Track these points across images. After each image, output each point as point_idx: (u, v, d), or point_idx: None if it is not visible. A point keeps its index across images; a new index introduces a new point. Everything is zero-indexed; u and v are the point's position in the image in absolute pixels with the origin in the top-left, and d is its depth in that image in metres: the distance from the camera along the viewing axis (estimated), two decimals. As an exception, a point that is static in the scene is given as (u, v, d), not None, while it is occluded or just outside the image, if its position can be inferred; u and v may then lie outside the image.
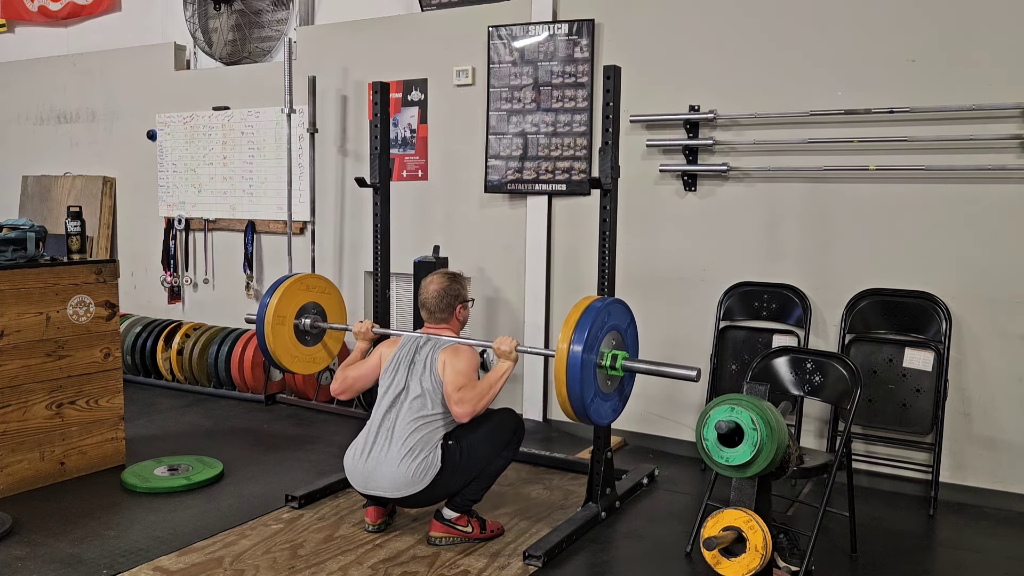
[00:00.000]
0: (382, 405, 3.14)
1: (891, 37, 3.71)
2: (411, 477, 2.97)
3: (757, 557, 2.14)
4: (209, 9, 5.79)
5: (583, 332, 2.72)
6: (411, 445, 2.99)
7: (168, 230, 6.00)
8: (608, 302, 2.89)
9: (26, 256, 3.66)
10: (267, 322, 3.57)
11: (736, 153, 4.08)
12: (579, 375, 2.70)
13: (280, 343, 3.62)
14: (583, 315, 2.77)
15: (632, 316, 3.03)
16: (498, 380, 3.06)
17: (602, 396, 2.85)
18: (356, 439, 3.16)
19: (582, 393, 2.72)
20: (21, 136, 6.80)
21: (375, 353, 3.36)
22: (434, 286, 3.28)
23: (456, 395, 3.01)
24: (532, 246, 4.61)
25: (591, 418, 2.83)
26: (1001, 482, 3.62)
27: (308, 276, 3.84)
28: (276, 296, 3.61)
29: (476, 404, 3.00)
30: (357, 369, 3.36)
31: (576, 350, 2.71)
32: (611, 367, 2.83)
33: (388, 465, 3.00)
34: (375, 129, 4.04)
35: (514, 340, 3.12)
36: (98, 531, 3.22)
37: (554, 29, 4.44)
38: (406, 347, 3.23)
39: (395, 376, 3.17)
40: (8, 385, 3.54)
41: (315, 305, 3.76)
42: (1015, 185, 3.53)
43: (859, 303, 3.82)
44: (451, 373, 3.06)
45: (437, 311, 3.27)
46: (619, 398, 2.99)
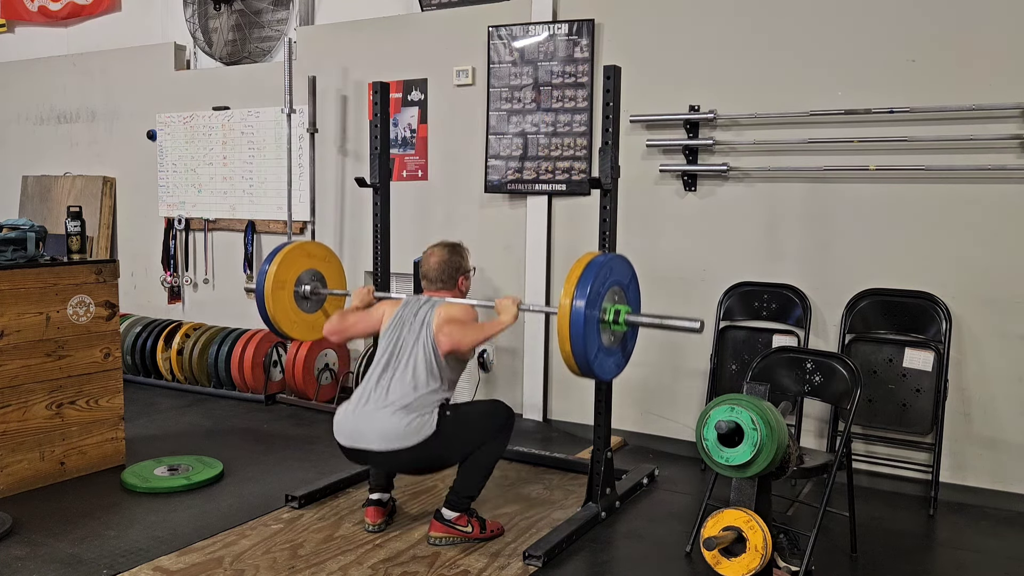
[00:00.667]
0: (380, 363, 3.11)
1: (891, 37, 3.71)
2: (402, 431, 2.92)
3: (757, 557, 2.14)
4: (209, 9, 5.79)
5: (585, 287, 2.69)
6: (406, 403, 2.97)
7: (168, 230, 6.00)
8: (610, 257, 2.85)
9: (26, 256, 3.66)
10: (267, 287, 3.53)
11: (736, 153, 4.08)
12: (582, 330, 2.67)
13: (280, 308, 3.58)
14: (585, 271, 2.73)
15: (634, 272, 2.99)
16: (492, 328, 3.02)
17: (605, 351, 2.82)
18: (349, 399, 3.13)
19: (585, 348, 2.69)
20: (21, 136, 6.80)
21: (378, 307, 3.32)
22: (435, 258, 3.26)
23: (445, 327, 3.00)
24: (532, 246, 4.61)
25: (595, 372, 2.80)
26: (1001, 482, 3.62)
27: (309, 243, 3.82)
28: (276, 261, 3.57)
29: (463, 337, 2.97)
30: (355, 316, 3.33)
31: (579, 305, 2.67)
32: (614, 322, 2.80)
33: (379, 419, 2.95)
34: (375, 129, 4.05)
35: (518, 298, 3.09)
36: (98, 531, 3.22)
37: (554, 29, 4.44)
38: (408, 307, 3.20)
39: (395, 335, 3.14)
40: (8, 385, 3.54)
41: (315, 272, 3.73)
42: (1015, 185, 3.53)
43: (859, 303, 3.82)
44: (444, 315, 3.06)
45: (438, 281, 3.26)
46: (622, 353, 2.96)
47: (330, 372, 5.15)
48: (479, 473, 3.10)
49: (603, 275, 2.76)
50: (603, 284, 2.77)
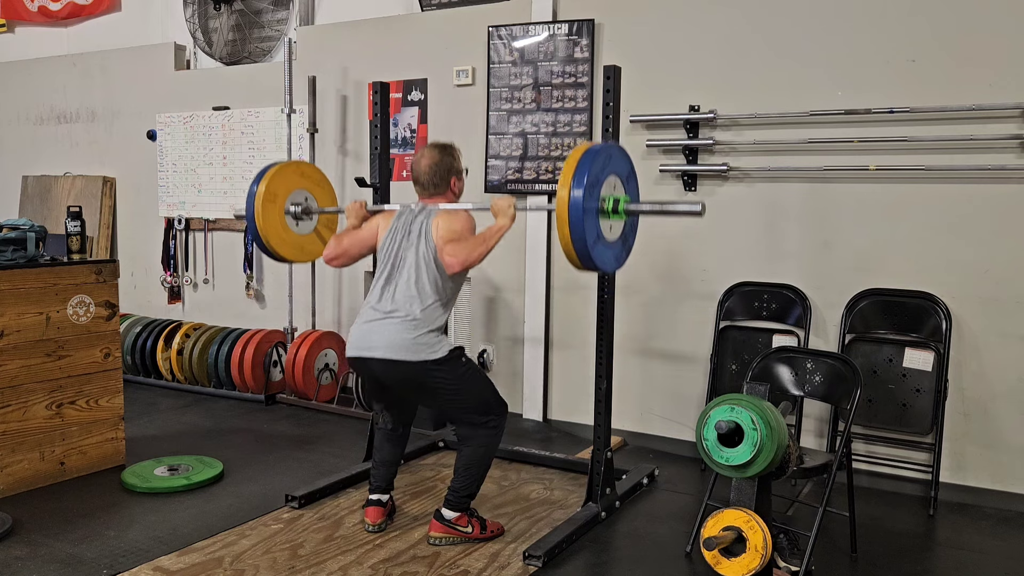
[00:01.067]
0: (381, 277, 3.10)
1: (891, 37, 3.71)
2: (410, 342, 2.93)
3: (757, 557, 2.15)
4: (209, 9, 5.79)
5: (583, 175, 2.65)
6: (413, 316, 2.97)
7: (168, 230, 6.00)
8: (606, 145, 2.81)
9: (26, 256, 3.66)
10: (258, 198, 3.41)
11: (736, 153, 4.08)
12: (581, 218, 2.63)
13: (270, 224, 3.46)
14: (582, 159, 2.69)
15: (632, 166, 2.96)
16: (493, 235, 2.97)
17: (605, 243, 2.80)
18: (362, 308, 3.13)
19: (584, 236, 2.65)
20: (21, 136, 6.80)
21: (372, 222, 3.29)
22: (426, 160, 3.20)
23: (448, 247, 2.96)
24: (532, 246, 4.61)
25: (594, 262, 2.76)
26: (1001, 482, 3.62)
27: (302, 163, 3.73)
28: (270, 174, 3.47)
29: (468, 254, 2.93)
30: (352, 236, 3.28)
31: (576, 194, 2.64)
32: (613, 211, 2.77)
33: (388, 329, 2.96)
34: (375, 129, 4.04)
35: (513, 198, 3.04)
36: (98, 531, 3.22)
37: (554, 29, 4.44)
38: (402, 218, 3.16)
39: (393, 248, 3.12)
40: (8, 385, 3.54)
41: (308, 194, 3.63)
42: (1015, 185, 3.53)
43: (859, 303, 3.82)
44: (444, 231, 3.01)
45: (431, 185, 3.20)
46: (623, 247, 2.94)
47: (330, 372, 5.15)
48: (476, 471, 3.10)
49: (600, 163, 2.71)
50: (601, 172, 2.72)
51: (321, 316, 5.44)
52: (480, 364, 4.78)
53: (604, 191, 2.75)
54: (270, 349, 5.22)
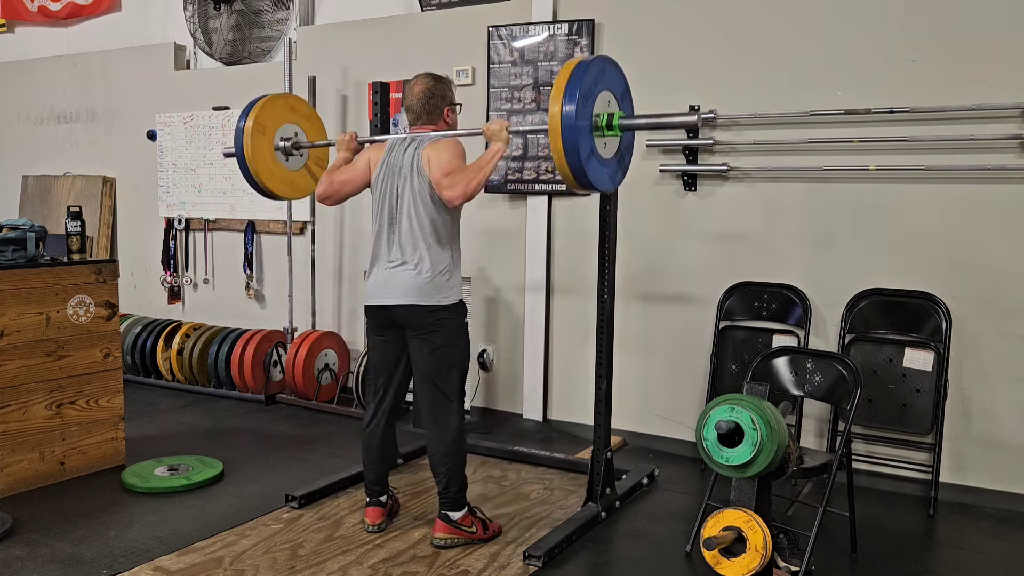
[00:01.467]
0: (384, 225, 3.10)
1: (891, 37, 3.71)
2: (422, 285, 3.00)
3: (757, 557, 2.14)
4: (209, 9, 5.79)
5: (575, 89, 2.61)
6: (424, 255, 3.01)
7: (168, 230, 6.00)
8: (600, 58, 2.78)
9: (26, 256, 3.66)
10: (247, 132, 3.33)
11: (736, 153, 4.08)
12: (574, 131, 2.60)
13: (260, 157, 3.39)
14: (573, 73, 2.66)
15: (626, 84, 2.92)
16: (489, 160, 2.95)
17: (600, 160, 2.77)
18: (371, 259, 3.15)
19: (578, 149, 2.62)
20: (21, 136, 6.80)
21: (362, 156, 3.25)
22: (419, 87, 3.17)
23: (446, 180, 2.92)
24: (532, 246, 4.60)
25: (589, 179, 2.73)
26: (1001, 482, 3.62)
27: (291, 96, 3.65)
28: (258, 107, 3.39)
29: (467, 184, 2.90)
30: (344, 172, 3.23)
31: (569, 109, 2.60)
32: (607, 126, 2.75)
33: (401, 277, 3.02)
34: (375, 129, 4.05)
35: (505, 121, 3.02)
36: (98, 531, 3.22)
37: (554, 29, 4.44)
38: (393, 151, 3.13)
39: (387, 186, 3.10)
40: (8, 385, 3.54)
41: (298, 129, 3.57)
42: (1015, 185, 3.53)
43: (859, 303, 3.82)
44: (436, 165, 2.97)
45: (423, 114, 3.16)
46: (618, 166, 2.92)
47: (330, 372, 5.15)
48: (453, 463, 3.07)
49: (593, 76, 2.68)
50: (594, 85, 2.69)
51: (321, 316, 5.44)
52: (480, 364, 4.78)
53: (598, 107, 2.71)
54: (270, 349, 5.22)
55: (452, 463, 3.07)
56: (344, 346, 5.30)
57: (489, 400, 4.86)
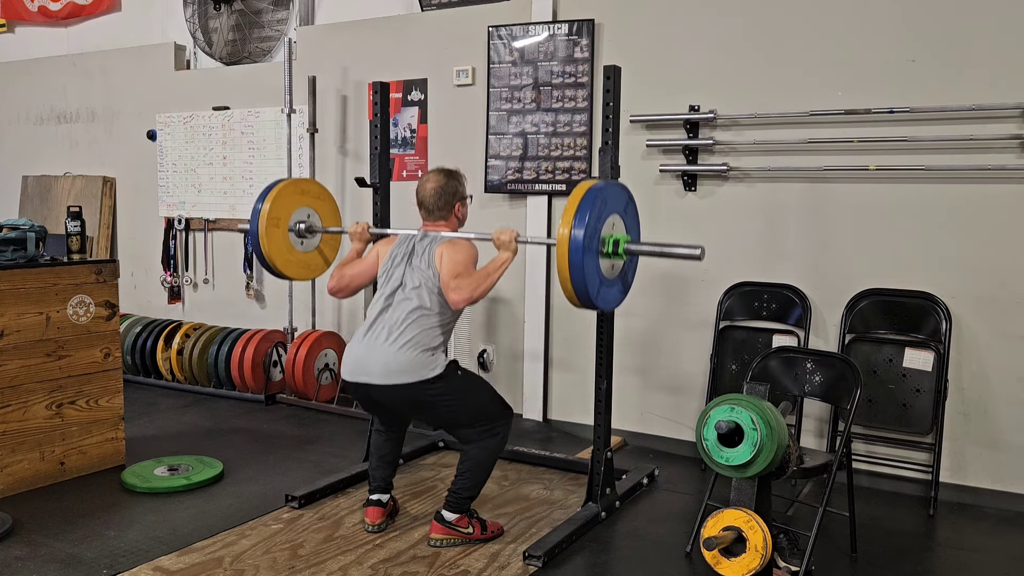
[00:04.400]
0: (380, 301, 3.10)
1: (891, 37, 3.71)
2: (405, 364, 2.93)
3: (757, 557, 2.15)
4: (209, 9, 5.79)
5: (583, 219, 2.66)
6: (410, 336, 2.97)
7: (168, 230, 6.00)
8: (605, 185, 2.82)
9: (26, 256, 3.66)
10: (261, 223, 3.45)
11: (736, 153, 4.08)
12: (581, 262, 2.65)
13: (275, 246, 3.50)
14: (582, 202, 2.70)
15: (630, 196, 2.97)
16: (496, 269, 3.00)
17: (606, 282, 2.81)
18: (355, 334, 3.13)
19: (586, 280, 2.67)
20: (21, 136, 6.80)
21: (372, 251, 3.31)
22: (431, 184, 3.22)
23: (453, 282, 2.96)
24: (532, 246, 4.60)
25: (597, 304, 2.79)
26: (1001, 482, 3.62)
27: (302, 180, 3.74)
28: (270, 198, 3.48)
29: (473, 290, 2.94)
30: (355, 267, 3.29)
31: (577, 237, 2.65)
32: (613, 252, 2.79)
33: (385, 351, 2.96)
34: (375, 129, 4.04)
35: (514, 231, 3.05)
36: (98, 531, 3.22)
37: (554, 29, 4.44)
38: (404, 244, 3.18)
39: (393, 272, 3.13)
40: (8, 385, 3.54)
41: (310, 211, 3.65)
42: (1015, 185, 3.53)
43: (859, 303, 3.82)
44: (448, 263, 3.01)
45: (436, 209, 3.21)
46: (622, 284, 2.95)
47: (330, 372, 5.15)
48: (478, 474, 3.10)
49: (599, 206, 2.73)
50: (600, 215, 2.73)
51: (321, 316, 5.44)
52: (480, 364, 4.78)
53: (604, 231, 2.77)
54: (270, 349, 5.22)
55: (478, 474, 3.09)
56: (344, 346, 5.29)
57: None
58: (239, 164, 5.64)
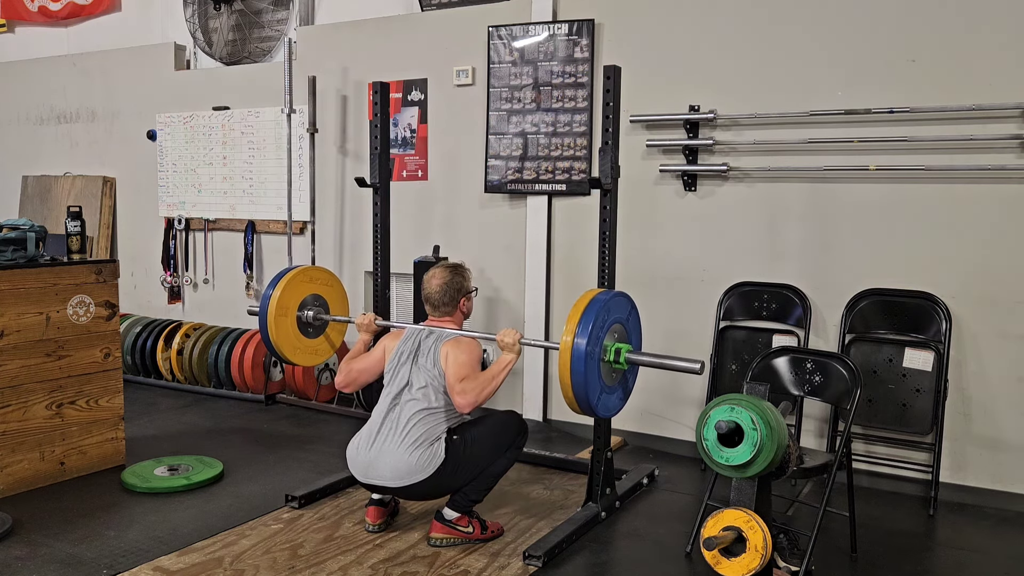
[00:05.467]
0: (386, 400, 3.15)
1: (891, 37, 3.71)
2: (414, 465, 2.99)
3: (757, 557, 2.14)
4: (209, 9, 5.79)
5: (586, 328, 2.71)
6: (416, 436, 3.02)
7: (168, 230, 6.00)
8: (611, 296, 2.87)
9: (26, 256, 3.66)
10: (270, 314, 3.52)
11: (736, 153, 4.08)
12: (583, 370, 2.70)
13: (283, 335, 3.58)
14: (586, 311, 2.76)
15: (633, 306, 3.01)
16: (501, 372, 3.05)
17: (607, 389, 2.85)
18: (360, 432, 3.18)
19: (587, 389, 2.71)
20: (21, 136, 6.80)
21: (379, 346, 3.37)
22: (437, 280, 3.29)
23: (459, 385, 3.02)
24: (532, 246, 4.60)
25: (597, 412, 2.83)
26: (1001, 482, 3.62)
27: (311, 268, 3.81)
28: (279, 288, 3.56)
29: (478, 394, 3.00)
30: (361, 362, 3.36)
31: (580, 345, 2.70)
32: (615, 361, 2.82)
33: (391, 454, 3.02)
34: (375, 129, 4.04)
35: (518, 333, 3.11)
36: (98, 531, 3.22)
37: (554, 29, 4.44)
38: (409, 341, 3.24)
39: (399, 370, 3.19)
40: (8, 385, 3.54)
41: (318, 297, 3.72)
42: (1015, 185, 3.53)
43: (859, 303, 3.82)
44: (453, 364, 3.07)
45: (441, 304, 3.28)
46: (623, 391, 2.98)
47: (330, 372, 5.15)
48: (487, 481, 3.12)
49: (603, 316, 2.78)
50: (603, 325, 2.79)
51: (321, 316, 5.44)
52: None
53: (606, 340, 2.80)
54: (270, 349, 5.22)
55: (488, 480, 3.12)
56: (344, 346, 5.29)
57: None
58: (239, 164, 5.64)
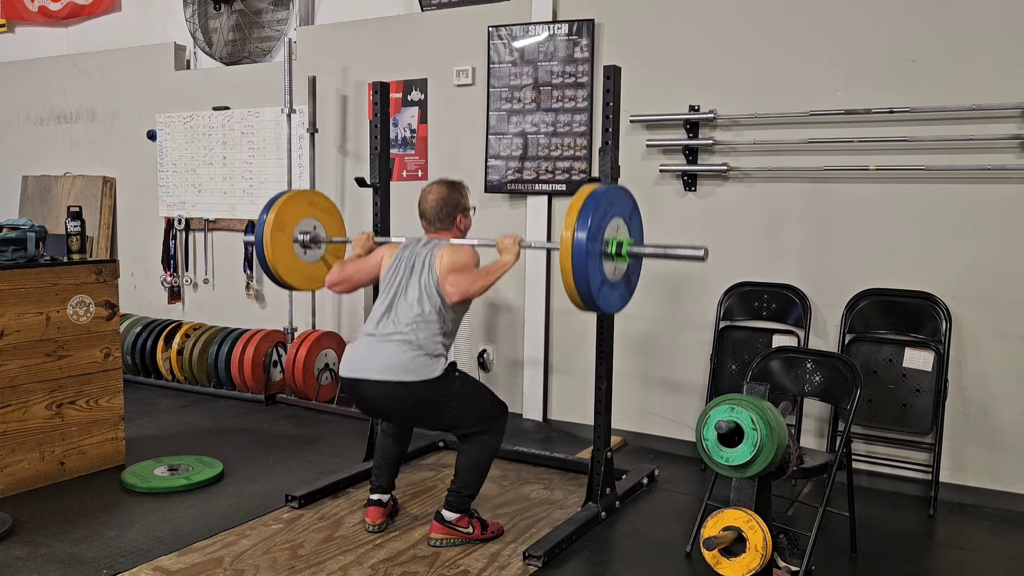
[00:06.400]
0: (382, 305, 3.11)
1: (891, 37, 3.71)
2: (407, 363, 2.92)
3: (757, 557, 2.14)
4: (209, 9, 5.79)
5: (586, 220, 2.67)
6: (411, 338, 2.97)
7: (168, 230, 6.00)
8: (609, 188, 2.82)
9: (26, 256, 3.66)
10: (267, 227, 3.43)
11: (736, 153, 4.08)
12: (585, 262, 2.66)
13: (279, 252, 3.49)
14: (585, 203, 2.71)
15: (635, 203, 2.98)
16: (496, 270, 2.99)
17: (609, 284, 2.81)
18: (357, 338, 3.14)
19: (588, 281, 2.67)
20: (21, 136, 6.80)
21: (377, 252, 3.32)
22: (433, 196, 3.22)
23: (450, 276, 2.96)
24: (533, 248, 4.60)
25: (599, 306, 2.79)
26: (1001, 482, 3.62)
27: (311, 192, 3.73)
28: (279, 203, 3.48)
29: (469, 286, 2.94)
30: (358, 264, 3.30)
31: (580, 238, 2.66)
32: (616, 254, 2.79)
33: (384, 349, 2.97)
34: (375, 129, 4.04)
35: (518, 236, 3.06)
36: (98, 531, 3.22)
37: (554, 29, 4.44)
38: (407, 249, 3.18)
39: (395, 277, 3.13)
40: (8, 385, 3.54)
41: (317, 222, 3.64)
42: (1015, 185, 3.53)
43: (859, 303, 3.82)
44: (447, 262, 3.02)
45: (437, 220, 3.21)
46: (626, 287, 2.95)
47: (330, 372, 5.15)
48: (476, 472, 3.10)
49: (603, 207, 2.73)
50: (604, 216, 2.74)
51: (321, 316, 5.44)
52: (480, 364, 4.78)
53: (607, 234, 2.78)
54: (270, 349, 5.22)
55: (476, 472, 3.10)
56: (344, 346, 5.30)
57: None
58: (239, 164, 5.64)
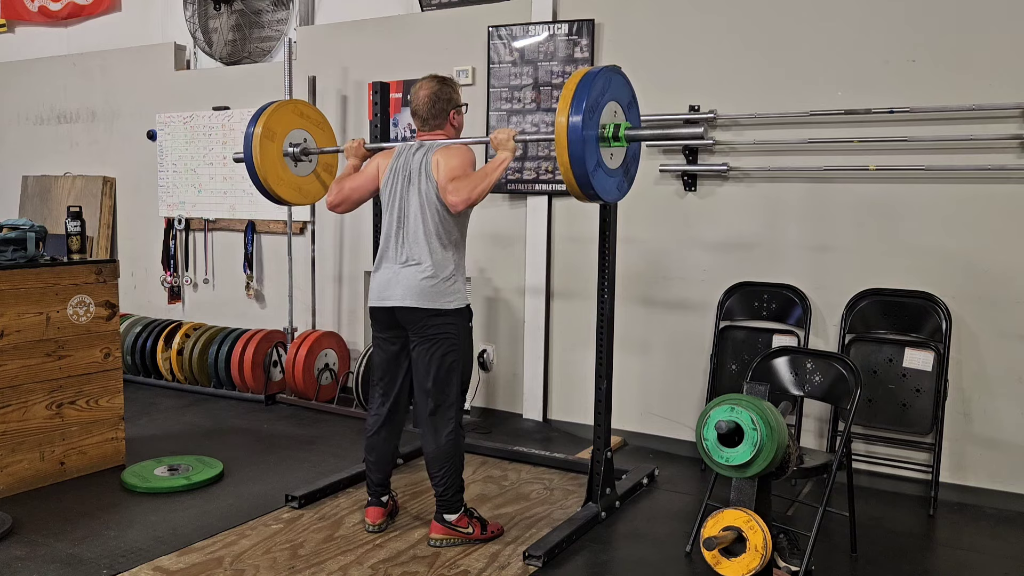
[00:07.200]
0: (391, 227, 3.09)
1: (891, 37, 3.71)
2: (428, 289, 2.99)
3: (757, 557, 2.15)
4: (209, 9, 5.79)
5: (581, 101, 2.63)
6: (426, 262, 3.00)
7: (168, 230, 6.00)
8: (604, 68, 2.78)
9: (26, 256, 3.66)
10: (255, 138, 3.32)
11: (736, 153, 4.08)
12: (580, 141, 2.62)
13: (268, 162, 3.39)
14: (580, 84, 2.68)
15: (633, 94, 2.94)
16: (495, 169, 2.96)
17: (606, 170, 2.78)
18: (377, 259, 3.15)
19: (584, 161, 2.64)
20: (21, 136, 6.80)
21: (371, 163, 3.27)
22: (424, 91, 3.16)
23: (450, 185, 2.93)
24: (532, 246, 4.60)
25: (595, 190, 2.74)
26: (1001, 482, 3.62)
27: (301, 102, 3.64)
28: (268, 112, 3.39)
29: (471, 191, 2.91)
30: (354, 180, 3.26)
31: (575, 120, 2.62)
32: (613, 137, 2.76)
33: (406, 276, 3.02)
34: (375, 129, 4.04)
35: (512, 130, 3.03)
36: (98, 531, 3.22)
37: (554, 29, 4.44)
38: (401, 157, 3.14)
39: (396, 190, 3.10)
40: (8, 385, 3.54)
41: (307, 135, 3.55)
42: (1015, 185, 3.53)
43: (859, 303, 3.82)
44: (444, 169, 2.98)
45: (430, 118, 3.16)
46: (624, 177, 2.93)
47: (330, 372, 5.15)
48: (450, 467, 3.07)
49: (599, 88, 2.70)
50: (600, 96, 2.70)
51: (321, 316, 5.44)
52: (480, 364, 4.78)
53: (604, 118, 2.73)
54: (270, 349, 5.22)
55: (449, 467, 3.07)
56: (344, 346, 5.30)
57: (489, 400, 4.86)
58: (239, 164, 5.63)
